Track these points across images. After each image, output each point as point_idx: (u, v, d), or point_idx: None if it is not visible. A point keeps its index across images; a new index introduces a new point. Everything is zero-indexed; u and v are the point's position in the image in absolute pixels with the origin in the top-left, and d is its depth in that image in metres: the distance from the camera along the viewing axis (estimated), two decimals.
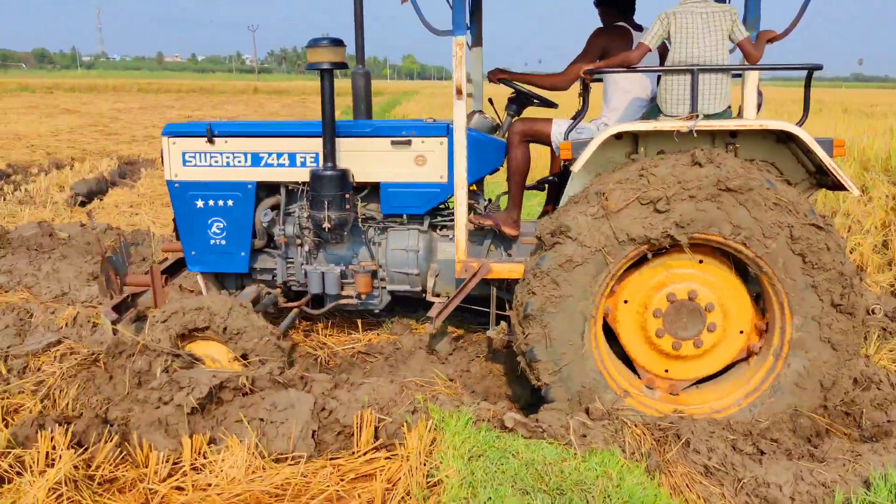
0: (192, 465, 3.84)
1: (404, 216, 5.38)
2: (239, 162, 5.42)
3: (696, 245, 4.21)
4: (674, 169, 4.08)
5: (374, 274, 5.40)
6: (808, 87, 4.51)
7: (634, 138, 4.41)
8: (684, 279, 4.33)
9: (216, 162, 5.45)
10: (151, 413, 4.03)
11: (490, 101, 5.88)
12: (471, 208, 5.31)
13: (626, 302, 4.42)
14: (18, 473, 3.69)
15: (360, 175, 5.29)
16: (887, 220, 8.35)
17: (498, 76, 5.42)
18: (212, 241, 5.52)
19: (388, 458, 3.88)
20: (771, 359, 4.32)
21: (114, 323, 5.17)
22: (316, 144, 5.22)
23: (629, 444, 3.90)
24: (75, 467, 3.68)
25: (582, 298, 4.21)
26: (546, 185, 5.63)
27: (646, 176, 4.10)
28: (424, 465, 3.73)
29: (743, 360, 4.52)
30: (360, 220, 5.32)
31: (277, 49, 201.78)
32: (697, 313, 4.34)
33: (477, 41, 6.00)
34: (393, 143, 5.21)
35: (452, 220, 5.30)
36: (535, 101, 5.56)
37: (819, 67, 4.47)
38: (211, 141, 5.41)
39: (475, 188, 5.57)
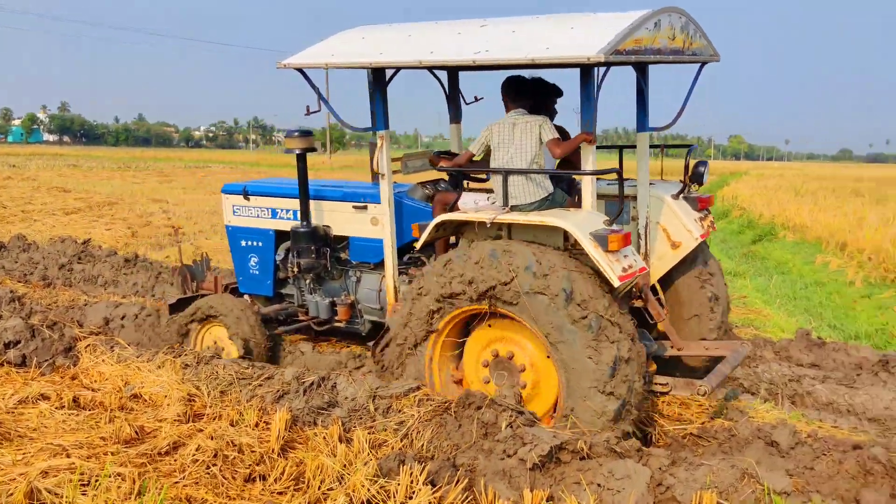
0: None
1: (371, 263, 6.65)
2: (263, 214, 7.21)
3: None
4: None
5: (352, 305, 6.77)
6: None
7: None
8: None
9: (250, 213, 7.30)
10: (496, 463, 4.32)
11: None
12: (417, 261, 6.48)
13: None
14: (383, 500, 4.15)
15: (336, 230, 6.83)
16: None
17: (435, 163, 6.49)
18: (251, 271, 7.33)
19: None
20: None
21: (171, 310, 7.12)
22: (310, 205, 6.73)
23: None
24: (429, 503, 4.07)
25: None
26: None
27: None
28: None
29: None
30: (339, 264, 6.84)
31: None
32: None
33: (455, 118, 7.09)
34: (354, 207, 6.69)
35: (404, 269, 6.39)
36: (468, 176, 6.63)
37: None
38: (246, 198, 7.25)
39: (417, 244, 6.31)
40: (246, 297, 7.38)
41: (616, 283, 4.99)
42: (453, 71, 6.94)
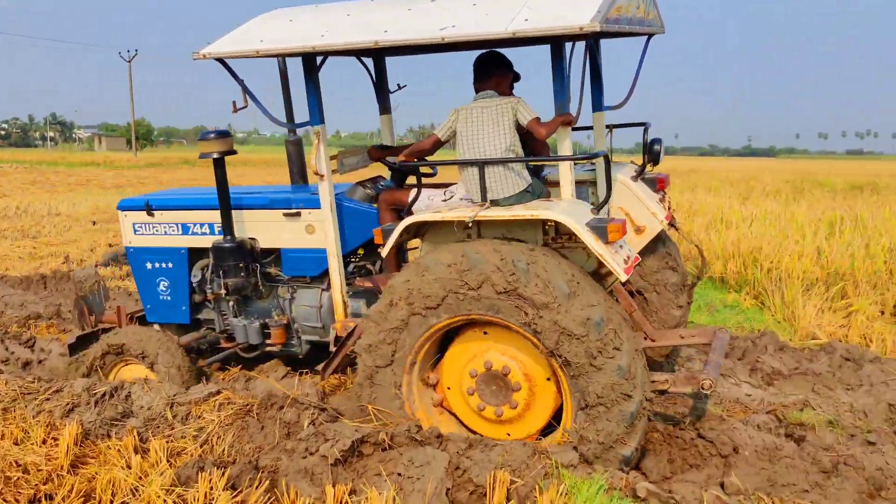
0: None
1: (307, 277, 5.98)
2: (172, 231, 6.33)
3: None
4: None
5: (287, 326, 6.07)
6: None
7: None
8: None
9: (156, 231, 6.39)
10: (298, 462, 4.32)
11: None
12: (362, 270, 6.03)
13: None
14: None
15: (264, 242, 6.05)
16: None
17: (375, 155, 6.11)
18: (160, 297, 6.43)
19: None
20: None
21: (71, 350, 6.23)
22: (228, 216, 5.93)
23: None
24: None
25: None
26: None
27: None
28: None
29: None
30: (268, 281, 6.07)
31: None
32: None
33: (384, 108, 6.54)
34: (285, 214, 5.90)
35: (349, 280, 5.82)
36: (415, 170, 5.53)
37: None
38: (150, 213, 6.35)
39: (361, 251, 6.12)
40: (156, 326, 6.39)
41: (623, 277, 4.55)
42: (380, 56, 6.35)
